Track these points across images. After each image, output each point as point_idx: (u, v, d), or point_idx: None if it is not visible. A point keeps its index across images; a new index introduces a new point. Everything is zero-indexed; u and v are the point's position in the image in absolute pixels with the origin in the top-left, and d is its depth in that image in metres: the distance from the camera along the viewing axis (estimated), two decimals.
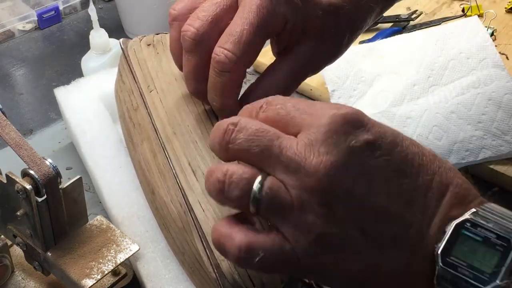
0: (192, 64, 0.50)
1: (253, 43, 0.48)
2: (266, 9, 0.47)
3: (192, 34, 0.49)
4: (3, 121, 0.50)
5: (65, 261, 0.51)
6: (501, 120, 0.73)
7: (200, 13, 0.49)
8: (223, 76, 0.48)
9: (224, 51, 0.47)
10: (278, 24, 0.49)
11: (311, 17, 0.51)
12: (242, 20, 0.47)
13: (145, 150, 0.59)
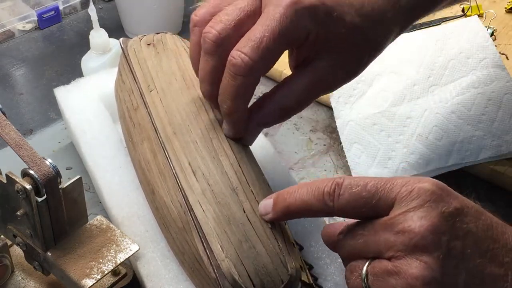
0: (209, 66, 0.50)
1: (272, 50, 0.48)
2: (289, 19, 0.47)
3: (213, 37, 0.49)
4: (3, 121, 0.50)
5: (65, 261, 0.51)
6: (501, 120, 0.73)
7: (223, 17, 0.49)
8: (236, 80, 0.48)
9: (241, 54, 0.47)
10: (299, 36, 0.49)
11: (333, 33, 0.50)
12: (263, 26, 0.47)
13: (145, 150, 0.59)
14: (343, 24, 0.50)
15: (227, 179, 0.52)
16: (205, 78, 0.52)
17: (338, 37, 0.51)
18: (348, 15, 0.50)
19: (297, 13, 0.47)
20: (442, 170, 0.71)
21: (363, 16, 0.51)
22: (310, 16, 0.48)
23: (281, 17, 0.47)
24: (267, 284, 0.47)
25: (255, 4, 0.50)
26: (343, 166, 0.74)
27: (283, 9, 0.47)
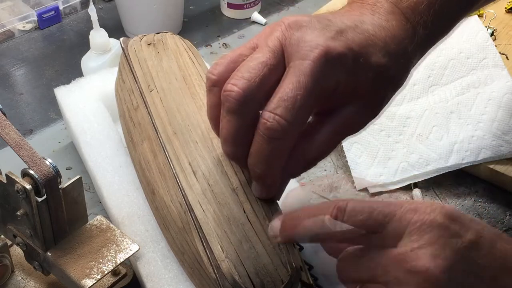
0: (233, 127, 0.46)
1: (306, 108, 0.45)
2: (320, 73, 0.44)
3: (237, 95, 0.44)
4: (3, 121, 0.50)
5: (65, 261, 0.51)
6: (501, 120, 0.73)
7: (246, 73, 0.45)
8: (272, 143, 0.44)
9: (276, 117, 0.44)
10: (330, 87, 0.46)
11: (361, 79, 0.48)
12: (295, 84, 0.44)
13: (145, 150, 0.59)
14: (370, 68, 0.48)
15: (227, 179, 0.52)
16: (228, 139, 0.47)
17: (366, 82, 0.48)
18: (374, 56, 0.48)
19: (328, 65, 0.45)
20: (442, 170, 0.71)
21: (387, 55, 0.49)
22: (339, 65, 0.46)
23: (312, 72, 0.44)
24: (267, 284, 0.47)
25: (277, 57, 0.46)
26: (343, 166, 0.74)
27: (313, 63, 0.44)
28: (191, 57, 0.65)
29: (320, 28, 0.47)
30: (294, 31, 0.46)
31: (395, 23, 0.50)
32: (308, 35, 0.46)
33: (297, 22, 0.47)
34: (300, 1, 1.04)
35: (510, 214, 0.69)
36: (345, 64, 0.46)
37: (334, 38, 0.46)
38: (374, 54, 0.48)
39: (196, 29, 0.99)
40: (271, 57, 0.46)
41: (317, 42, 0.45)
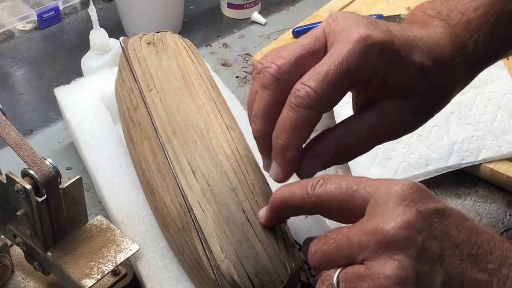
0: (265, 101, 0.48)
1: (337, 85, 0.45)
2: (357, 55, 0.45)
3: (273, 70, 0.47)
4: (3, 121, 0.50)
5: (65, 261, 0.51)
6: (501, 120, 0.73)
7: (284, 52, 0.48)
8: (297, 112, 0.46)
9: (306, 87, 0.45)
10: (367, 73, 0.47)
11: (402, 74, 0.48)
12: (330, 61, 0.45)
13: (145, 150, 0.59)
14: (412, 64, 0.48)
15: (227, 179, 0.52)
16: (259, 113, 0.49)
17: (407, 78, 0.48)
18: (417, 55, 0.48)
19: (366, 48, 0.45)
20: (442, 170, 0.71)
21: (431, 58, 0.49)
22: (379, 52, 0.46)
23: (348, 52, 0.45)
24: (267, 284, 0.47)
25: (318, 43, 0.48)
26: (343, 166, 0.74)
27: (351, 45, 0.45)
28: (191, 56, 0.65)
29: (366, 22, 0.48)
30: (339, 21, 0.48)
31: (443, 35, 0.50)
32: (352, 24, 0.47)
33: (344, 15, 0.48)
34: (300, 1, 1.05)
35: (510, 214, 0.69)
36: (385, 53, 0.47)
37: (378, 29, 0.47)
38: (418, 54, 0.48)
39: (196, 29, 0.99)
40: (311, 41, 0.48)
41: (359, 29, 0.46)
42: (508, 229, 0.67)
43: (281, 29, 0.97)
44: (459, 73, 0.51)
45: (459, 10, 0.51)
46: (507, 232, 0.67)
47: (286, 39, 0.91)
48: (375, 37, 0.46)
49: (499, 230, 0.67)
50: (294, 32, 0.91)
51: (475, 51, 0.51)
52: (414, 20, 0.53)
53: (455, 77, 0.51)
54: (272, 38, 0.96)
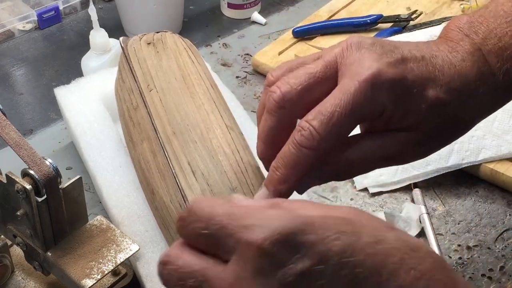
0: (267, 126, 0.48)
1: (342, 127, 0.45)
2: (364, 95, 0.44)
3: (277, 97, 0.46)
4: (3, 121, 0.50)
5: (65, 261, 0.51)
6: (501, 120, 0.73)
7: (291, 79, 0.47)
8: (299, 151, 0.45)
9: (310, 127, 0.44)
10: (374, 112, 0.46)
11: (412, 110, 0.47)
12: (336, 100, 0.44)
13: (145, 150, 0.59)
14: (423, 100, 0.46)
15: (227, 179, 0.52)
16: (261, 136, 0.49)
17: (418, 113, 0.47)
18: (432, 90, 0.47)
19: (374, 88, 0.44)
20: (442, 170, 0.71)
21: (449, 91, 0.47)
22: (387, 91, 0.45)
23: (355, 92, 0.44)
24: None
25: (329, 72, 0.47)
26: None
27: (359, 84, 0.44)
28: (191, 56, 0.65)
29: (380, 52, 0.46)
30: (353, 51, 0.47)
31: (470, 63, 0.48)
32: (365, 57, 0.46)
33: (359, 43, 0.47)
34: (300, 1, 1.04)
35: (510, 214, 0.69)
36: (393, 91, 0.45)
37: (391, 64, 0.46)
38: (432, 88, 0.47)
39: (196, 29, 0.99)
40: (322, 70, 0.47)
41: (370, 64, 0.45)
42: (508, 229, 0.67)
43: (281, 29, 0.97)
44: (482, 102, 0.49)
45: (496, 33, 0.48)
46: (507, 232, 0.67)
47: (286, 39, 0.91)
48: (384, 75, 0.45)
49: (499, 230, 0.67)
50: (294, 32, 0.91)
51: (505, 80, 0.48)
52: (447, 36, 0.50)
53: (476, 107, 0.49)
54: (272, 38, 0.96)
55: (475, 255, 0.65)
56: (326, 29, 0.92)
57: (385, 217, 0.67)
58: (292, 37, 0.91)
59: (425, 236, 0.66)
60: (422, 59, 0.47)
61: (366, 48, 0.46)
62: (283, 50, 0.89)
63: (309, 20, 0.94)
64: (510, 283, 0.62)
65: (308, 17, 0.95)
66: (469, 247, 0.65)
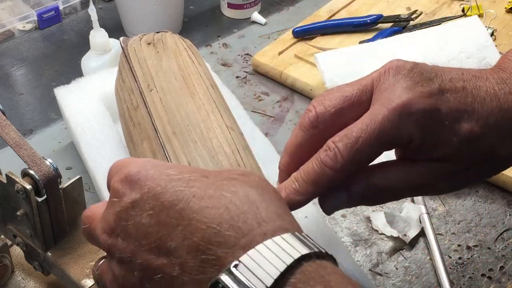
0: (297, 141, 0.49)
1: (365, 152, 0.45)
2: (391, 124, 0.44)
3: (312, 117, 0.48)
4: (3, 121, 0.50)
5: (65, 261, 0.51)
6: None
7: (326, 101, 0.48)
8: (322, 169, 0.46)
9: (336, 148, 0.45)
10: (400, 141, 0.46)
11: (443, 142, 0.46)
12: (363, 126, 0.45)
13: (145, 150, 0.59)
14: (456, 133, 0.46)
15: None
16: (288, 149, 0.50)
17: (449, 148, 0.46)
18: (466, 123, 0.46)
19: (401, 117, 0.44)
20: None
21: (486, 125, 0.46)
22: (416, 122, 0.45)
23: (383, 120, 0.44)
24: None
25: (363, 96, 0.47)
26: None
27: (387, 112, 0.44)
28: (191, 56, 0.65)
29: (417, 80, 0.46)
30: (389, 76, 0.47)
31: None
32: (400, 84, 0.46)
33: (398, 68, 0.47)
34: (300, 1, 1.04)
35: (510, 214, 0.69)
36: (422, 122, 0.45)
37: (425, 94, 0.45)
38: (467, 121, 0.46)
39: (196, 29, 0.99)
40: (357, 94, 0.47)
41: (401, 93, 0.45)
42: (508, 229, 0.67)
43: (281, 29, 0.97)
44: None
45: None
46: (507, 232, 0.67)
47: (286, 39, 0.91)
48: (414, 105, 0.45)
49: (499, 230, 0.67)
50: (294, 32, 0.91)
51: None
52: (501, 66, 0.49)
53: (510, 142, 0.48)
54: (272, 38, 0.96)
55: (475, 255, 0.65)
56: (326, 29, 0.92)
57: (385, 217, 0.67)
58: (292, 37, 0.91)
59: (425, 236, 0.66)
60: (462, 90, 0.47)
61: (403, 74, 0.46)
62: (283, 50, 0.89)
63: (309, 20, 0.94)
64: (510, 283, 0.62)
65: (308, 17, 0.95)
66: (469, 247, 0.65)
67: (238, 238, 0.35)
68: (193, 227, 0.36)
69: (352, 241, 0.66)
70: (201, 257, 0.36)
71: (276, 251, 0.35)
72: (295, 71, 0.85)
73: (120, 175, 0.40)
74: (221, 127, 0.57)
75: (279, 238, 0.35)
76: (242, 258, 0.34)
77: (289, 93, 0.85)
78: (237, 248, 0.35)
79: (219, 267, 0.35)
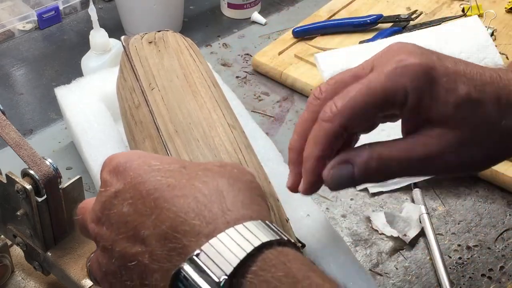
0: (303, 118, 0.51)
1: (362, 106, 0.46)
2: (386, 76, 0.45)
3: (316, 92, 0.50)
4: (3, 121, 0.50)
5: (65, 261, 0.51)
6: None
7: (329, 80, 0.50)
8: (319, 125, 0.47)
9: (333, 105, 0.47)
10: (395, 96, 0.46)
11: (439, 101, 0.46)
12: (359, 84, 0.47)
13: (147, 148, 0.59)
14: (453, 95, 0.46)
15: None
16: (296, 128, 0.51)
17: (445, 107, 0.46)
18: (464, 85, 0.46)
19: (397, 70, 0.45)
20: None
21: (484, 92, 0.46)
22: (410, 75, 0.45)
23: (378, 75, 0.46)
24: None
25: (364, 70, 0.49)
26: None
27: (383, 68, 0.46)
28: (192, 55, 0.65)
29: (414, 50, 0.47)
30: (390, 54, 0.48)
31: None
32: (398, 53, 0.47)
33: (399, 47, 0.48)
34: (300, 1, 1.05)
35: (510, 214, 0.69)
36: (417, 76, 0.45)
37: (423, 54, 0.46)
38: (464, 84, 0.46)
39: (196, 29, 0.99)
40: (358, 69, 0.49)
41: (400, 56, 0.46)
42: (508, 229, 0.67)
43: (281, 29, 0.97)
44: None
45: None
46: (507, 232, 0.67)
47: (286, 39, 0.91)
48: (410, 60, 0.45)
49: (499, 230, 0.67)
50: (294, 32, 0.91)
51: None
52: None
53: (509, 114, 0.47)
54: (272, 38, 0.96)
55: (475, 255, 0.65)
56: (326, 29, 0.92)
57: (385, 217, 0.67)
58: (292, 37, 0.91)
59: (425, 236, 0.66)
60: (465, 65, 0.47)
61: (403, 50, 0.47)
62: (283, 50, 0.89)
63: (309, 20, 0.94)
64: (510, 283, 0.62)
65: (308, 17, 0.95)
66: (469, 247, 0.65)
67: (202, 227, 0.36)
68: (163, 215, 0.37)
69: (352, 241, 0.66)
70: (168, 246, 0.36)
71: (237, 239, 0.35)
72: (295, 71, 0.85)
73: (110, 166, 0.41)
74: (223, 126, 0.57)
75: (241, 226, 0.35)
76: (203, 247, 0.35)
77: (289, 93, 0.85)
78: (200, 237, 0.35)
79: (184, 255, 0.35)
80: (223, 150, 0.54)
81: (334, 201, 0.70)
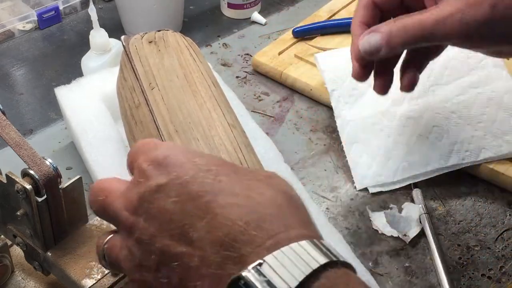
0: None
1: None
2: None
3: None
4: (3, 121, 0.50)
5: (65, 261, 0.51)
6: (502, 120, 0.73)
7: None
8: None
9: None
10: None
11: None
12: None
13: None
14: None
15: None
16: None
17: None
18: None
19: None
20: (442, 170, 0.71)
21: None
22: None
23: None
24: None
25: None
26: (343, 166, 0.74)
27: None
28: (192, 55, 0.65)
29: None
30: None
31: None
32: None
33: None
34: (300, 1, 1.05)
35: (510, 214, 0.69)
36: None
37: None
38: None
39: (196, 29, 0.99)
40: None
41: None
42: (508, 229, 0.67)
43: (281, 29, 0.97)
44: None
45: None
46: (507, 232, 0.67)
47: (286, 39, 0.91)
48: None
49: (499, 230, 0.67)
50: (294, 32, 0.91)
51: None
52: None
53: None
54: (272, 38, 0.96)
55: (475, 255, 0.65)
56: (326, 29, 0.92)
57: (385, 217, 0.67)
58: (292, 37, 0.91)
59: (425, 236, 0.66)
60: None
61: None
62: (283, 50, 0.89)
63: (309, 20, 0.94)
64: (510, 283, 0.62)
65: (308, 17, 0.95)
66: (469, 247, 0.65)
67: (263, 239, 0.35)
68: (218, 222, 0.36)
69: (352, 241, 0.66)
70: (223, 253, 0.36)
71: (302, 255, 0.35)
72: (295, 71, 0.85)
73: (149, 156, 0.40)
74: (223, 125, 0.57)
75: (305, 242, 0.35)
76: (266, 258, 0.34)
77: (289, 93, 0.85)
78: (261, 249, 0.35)
79: (241, 265, 0.35)
80: (223, 149, 0.54)
81: (334, 201, 0.70)
